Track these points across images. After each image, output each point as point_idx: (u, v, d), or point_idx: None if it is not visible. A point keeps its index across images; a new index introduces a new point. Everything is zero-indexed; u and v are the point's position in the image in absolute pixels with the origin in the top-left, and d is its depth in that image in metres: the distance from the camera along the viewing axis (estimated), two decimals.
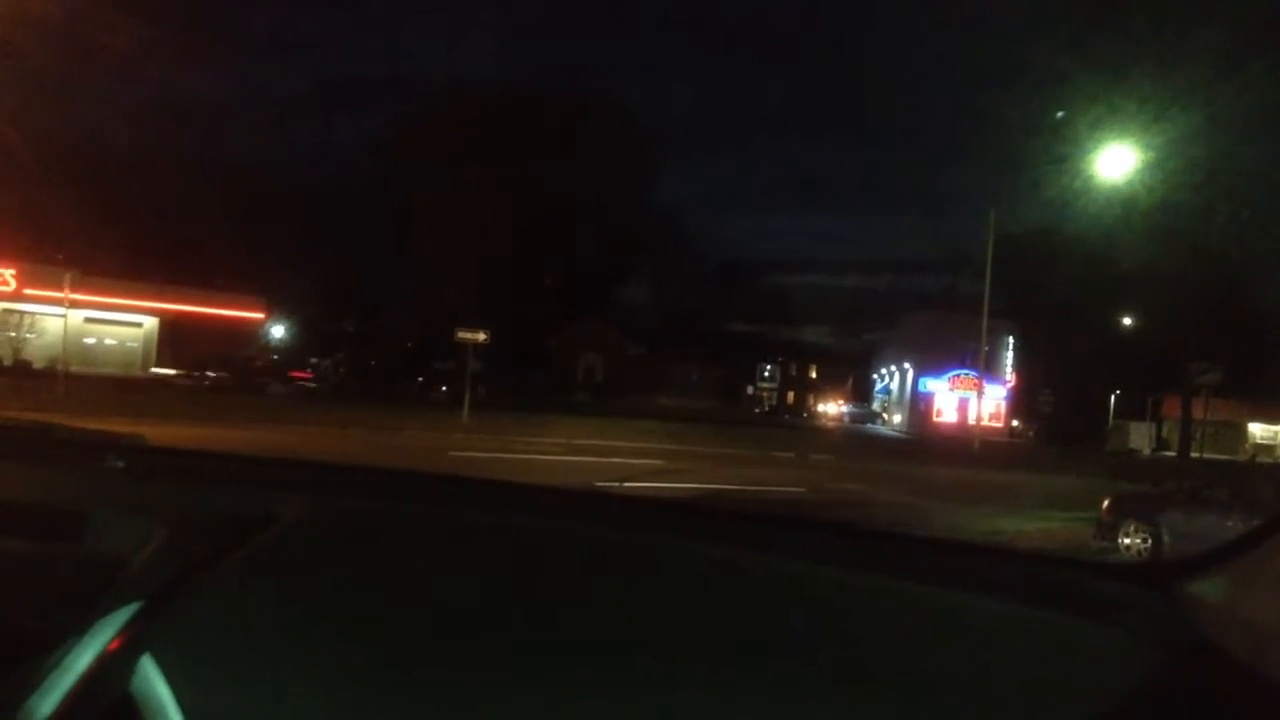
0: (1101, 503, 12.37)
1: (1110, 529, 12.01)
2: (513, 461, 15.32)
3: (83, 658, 1.39)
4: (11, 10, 20.18)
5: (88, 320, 37.08)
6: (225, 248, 34.69)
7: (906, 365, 60.92)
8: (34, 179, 29.35)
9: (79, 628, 1.42)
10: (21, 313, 36.21)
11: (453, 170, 39.23)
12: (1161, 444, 48.15)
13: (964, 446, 32.24)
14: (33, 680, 1.36)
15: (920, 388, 57.31)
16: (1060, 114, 24.35)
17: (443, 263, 38.92)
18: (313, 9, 76.07)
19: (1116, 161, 23.10)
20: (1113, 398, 51.64)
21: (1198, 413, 41.96)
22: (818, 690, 1.30)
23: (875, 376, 73.67)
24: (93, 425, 2.23)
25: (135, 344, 39.74)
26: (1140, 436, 48.33)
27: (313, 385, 38.07)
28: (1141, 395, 49.43)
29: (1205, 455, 39.15)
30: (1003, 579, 1.52)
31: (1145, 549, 11.45)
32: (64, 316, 30.65)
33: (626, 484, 12.31)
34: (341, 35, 76.80)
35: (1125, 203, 25.35)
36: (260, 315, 42.63)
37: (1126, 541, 11.77)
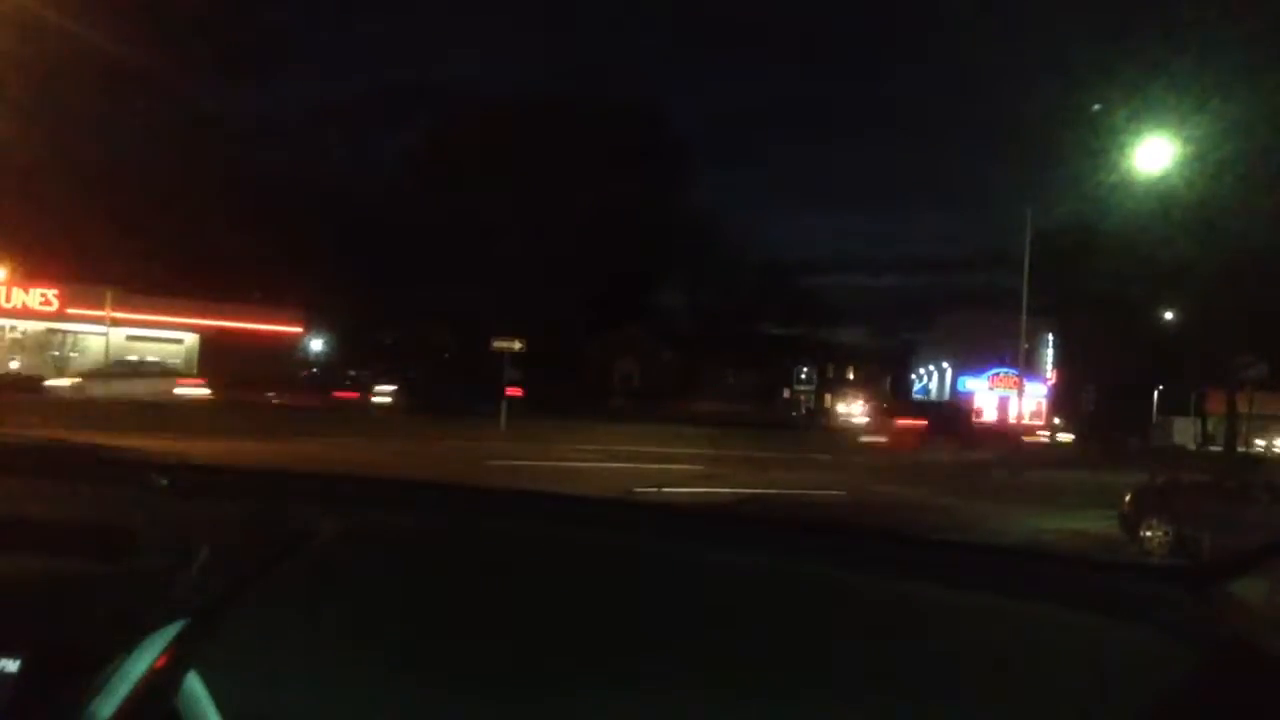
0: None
1: (1132, 524, 11.84)
2: (552, 469, 15.33)
3: (131, 674, 1.42)
4: (50, 34, 20.55)
5: (129, 338, 37.58)
6: (263, 262, 35.02)
7: (945, 364, 60.51)
8: (73, 200, 29.83)
9: (127, 645, 1.44)
10: (64, 332, 36.73)
11: (485, 179, 39.39)
12: (1206, 439, 47.54)
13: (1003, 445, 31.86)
14: (84, 697, 1.39)
15: (960, 387, 56.90)
16: (1098, 107, 24.16)
17: (477, 272, 39.09)
18: (344, 23, 76.74)
19: (1155, 155, 22.78)
20: (1156, 393, 50.99)
21: (1243, 407, 41.36)
22: (854, 696, 1.31)
23: (914, 376, 73.16)
24: (136, 442, 2.26)
25: (177, 360, 40.22)
26: (1185, 432, 47.70)
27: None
28: (1185, 390, 48.80)
29: (1252, 450, 38.65)
30: (1041, 582, 1.52)
31: (1166, 542, 11.27)
32: (106, 335, 31.10)
33: (664, 489, 12.29)
34: (376, 48, 77.38)
35: (1165, 197, 25.08)
36: (299, 329, 42.94)
37: (1147, 535, 11.59)
